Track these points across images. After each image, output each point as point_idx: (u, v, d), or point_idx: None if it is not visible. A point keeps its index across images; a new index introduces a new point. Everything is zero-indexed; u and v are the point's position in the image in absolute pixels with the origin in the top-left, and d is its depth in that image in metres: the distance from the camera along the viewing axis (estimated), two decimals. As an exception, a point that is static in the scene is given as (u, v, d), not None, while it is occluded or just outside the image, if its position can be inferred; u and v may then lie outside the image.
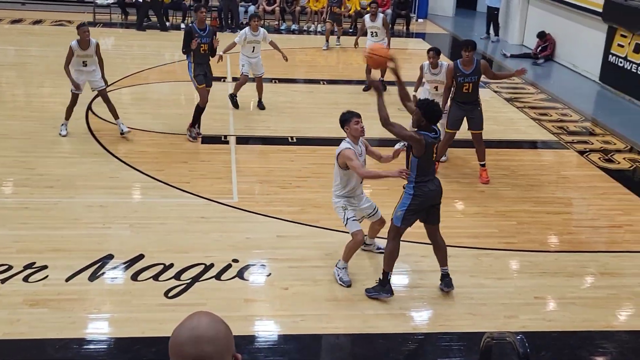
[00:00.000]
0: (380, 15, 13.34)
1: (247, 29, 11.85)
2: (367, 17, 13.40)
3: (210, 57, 10.46)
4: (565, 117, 12.67)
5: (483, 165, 9.47)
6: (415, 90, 10.28)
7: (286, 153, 10.13)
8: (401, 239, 6.49)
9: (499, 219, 8.40)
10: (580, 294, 6.84)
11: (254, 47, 11.85)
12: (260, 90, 12.04)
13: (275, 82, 13.77)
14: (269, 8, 19.54)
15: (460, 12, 23.47)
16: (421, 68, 10.01)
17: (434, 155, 6.35)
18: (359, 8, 19.80)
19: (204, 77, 10.36)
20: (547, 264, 7.34)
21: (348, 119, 6.68)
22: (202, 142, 10.38)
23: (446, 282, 6.63)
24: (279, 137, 10.76)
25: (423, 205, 6.37)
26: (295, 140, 10.67)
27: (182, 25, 18.78)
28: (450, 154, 10.20)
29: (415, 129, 6.35)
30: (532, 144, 11.37)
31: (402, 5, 20.26)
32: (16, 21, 18.49)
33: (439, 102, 9.63)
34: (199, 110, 10.44)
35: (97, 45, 10.15)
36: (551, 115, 12.69)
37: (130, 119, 10.90)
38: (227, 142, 10.46)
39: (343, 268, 6.77)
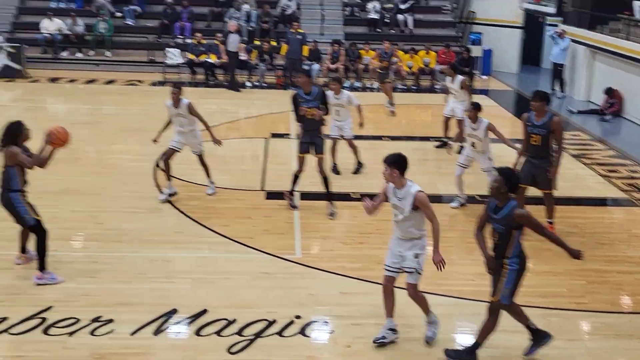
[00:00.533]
0: (459, 78, 13.23)
1: (329, 92, 11.19)
2: (447, 78, 13.46)
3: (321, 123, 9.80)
4: (635, 174, 12.33)
5: (550, 223, 9.25)
6: (455, 142, 10.67)
7: (349, 209, 10.12)
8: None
9: (568, 277, 8.15)
10: (657, 359, 6.52)
11: (338, 111, 11.43)
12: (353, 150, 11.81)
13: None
14: (332, 66, 19.86)
15: (525, 68, 23.36)
16: (463, 121, 10.11)
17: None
18: (422, 65, 19.94)
19: (307, 145, 9.81)
20: (621, 326, 7.05)
21: None
22: (266, 198, 10.48)
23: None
24: (342, 193, 10.78)
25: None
26: (359, 196, 10.66)
27: (248, 84, 19.23)
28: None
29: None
30: (601, 201, 11.07)
31: (464, 62, 20.29)
32: (90, 81, 19.29)
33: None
34: (295, 177, 10.08)
35: (189, 106, 10.08)
36: (621, 172, 12.36)
37: (197, 175, 11.12)
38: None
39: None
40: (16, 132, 7.32)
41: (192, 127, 10.20)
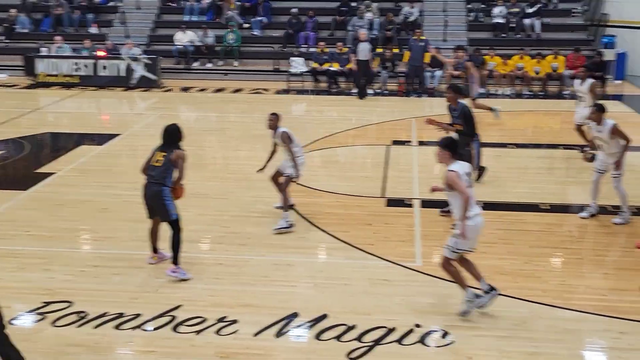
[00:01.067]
0: (589, 81, 12.77)
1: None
2: (576, 80, 13.05)
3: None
4: None
5: None
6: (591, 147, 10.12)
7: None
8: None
9: None
10: None
11: None
12: None
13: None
14: (455, 73, 19.55)
15: (662, 73, 22.05)
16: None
17: None
18: (549, 70, 19.27)
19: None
20: (630, 341, 6.50)
21: None
22: (387, 205, 10.46)
23: None
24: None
25: None
26: (482, 204, 10.40)
27: (370, 91, 19.29)
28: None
29: None
30: None
31: (596, 66, 19.40)
32: (219, 90, 20.03)
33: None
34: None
35: (284, 135, 9.58)
36: None
37: (319, 181, 11.28)
38: (411, 206, 10.45)
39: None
40: (179, 135, 7.97)
41: (287, 157, 9.68)
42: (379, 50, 20.60)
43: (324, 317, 7.05)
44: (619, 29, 21.63)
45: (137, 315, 7.08)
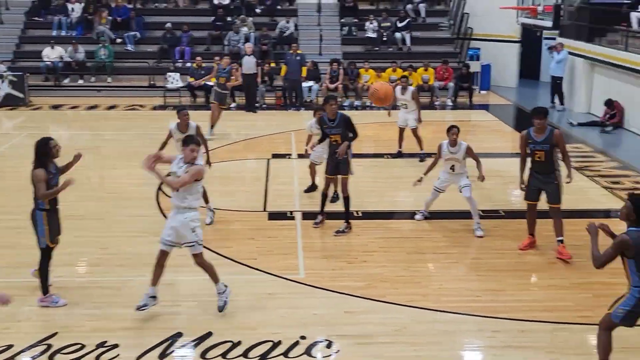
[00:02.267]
0: (410, 89, 13.70)
1: (312, 121, 11.27)
2: (397, 89, 13.62)
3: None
4: (638, 184, 12.31)
5: (561, 242, 9.12)
6: (426, 173, 10.27)
7: (352, 227, 10.10)
8: None
9: (574, 291, 8.11)
10: (667, 371, 6.47)
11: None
12: None
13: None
14: (332, 86, 19.93)
15: (524, 82, 23.43)
16: (440, 147, 10.02)
17: None
18: (420, 82, 19.99)
19: (334, 167, 9.86)
20: (629, 339, 7.00)
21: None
22: (269, 219, 10.48)
23: None
24: (344, 212, 10.76)
25: None
26: (360, 214, 10.65)
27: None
28: (522, 225, 9.99)
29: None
30: (606, 213, 11.04)
31: (464, 78, 20.37)
32: (92, 107, 19.38)
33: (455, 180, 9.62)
34: (323, 197, 10.11)
35: (198, 128, 10.19)
36: (624, 183, 12.35)
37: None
38: (292, 218, 10.52)
39: None
40: (40, 150, 7.40)
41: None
42: (273, 64, 20.66)
43: (208, 335, 6.96)
44: (483, 42, 22.83)
45: (9, 347, 6.70)
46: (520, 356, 6.64)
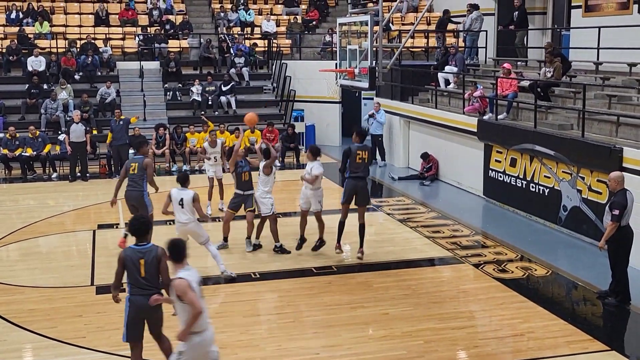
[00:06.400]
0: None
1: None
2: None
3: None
4: (457, 232, 13.10)
5: None
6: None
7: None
8: None
9: (406, 339, 8.39)
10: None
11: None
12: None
13: (169, 224, 13.62)
14: (158, 151, 19.59)
15: (347, 140, 24.27)
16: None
17: None
18: (248, 144, 20.18)
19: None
20: None
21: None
22: (97, 293, 9.96)
23: None
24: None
25: None
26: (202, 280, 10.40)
27: (54, 175, 18.42)
28: (353, 280, 10.25)
29: None
30: (430, 262, 11.62)
31: (290, 138, 20.86)
32: None
33: None
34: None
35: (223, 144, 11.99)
36: (444, 232, 13.09)
37: (19, 276, 10.41)
38: (123, 290, 10.04)
39: None
40: None
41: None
42: (95, 131, 19.93)
43: None
44: (306, 103, 23.60)
45: None
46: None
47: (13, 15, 24.48)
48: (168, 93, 22.80)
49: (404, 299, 9.68)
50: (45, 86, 21.64)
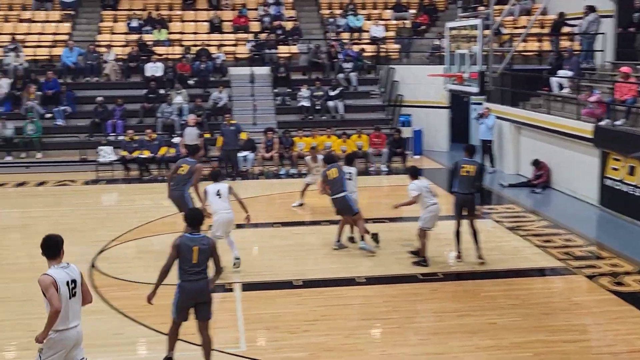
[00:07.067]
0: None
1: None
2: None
3: None
4: (569, 242, 12.62)
5: None
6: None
7: (292, 297, 9.99)
8: None
9: (514, 351, 8.15)
10: None
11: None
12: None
13: (277, 226, 13.88)
14: (267, 155, 20.01)
15: (455, 146, 23.96)
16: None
17: None
18: (355, 149, 20.28)
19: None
20: None
21: None
22: (207, 292, 10.25)
23: None
24: (284, 282, 10.65)
25: None
26: (300, 283, 10.56)
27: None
28: (460, 287, 10.07)
29: None
30: (540, 272, 11.26)
31: (396, 143, 20.76)
32: (20, 184, 18.84)
33: None
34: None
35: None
36: (555, 242, 12.64)
37: (134, 273, 10.86)
38: (231, 290, 10.33)
39: None
40: None
41: None
42: (208, 135, 20.60)
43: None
44: (413, 108, 23.42)
45: None
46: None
47: (134, 24, 25.67)
48: (277, 98, 23.23)
49: (512, 309, 9.42)
50: (161, 91, 22.56)
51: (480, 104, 21.16)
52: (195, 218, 7.53)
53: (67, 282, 6.30)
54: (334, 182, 11.95)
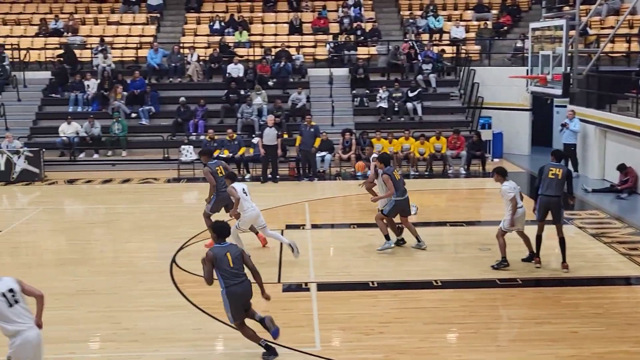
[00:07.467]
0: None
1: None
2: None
3: None
4: (657, 250, 12.13)
5: None
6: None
7: (367, 298, 9.98)
8: None
9: (597, 361, 7.90)
10: None
11: None
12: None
13: (353, 227, 13.89)
14: (344, 156, 20.05)
15: (536, 149, 23.42)
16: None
17: None
18: (433, 151, 20.08)
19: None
20: None
21: None
22: (284, 291, 10.37)
23: None
24: (359, 282, 10.66)
25: None
26: (376, 284, 10.54)
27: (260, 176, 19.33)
28: (540, 294, 9.83)
29: None
30: (626, 280, 10.86)
31: (476, 145, 20.43)
32: (106, 181, 19.53)
33: None
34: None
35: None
36: (642, 250, 12.18)
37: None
38: (307, 290, 10.41)
39: None
40: None
41: None
42: (286, 135, 20.84)
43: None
44: (494, 110, 23.00)
45: None
46: None
47: (216, 26, 26.20)
48: (356, 99, 23.25)
49: (595, 318, 9.12)
50: (242, 92, 22.94)
51: (564, 106, 20.61)
52: (223, 230, 8.02)
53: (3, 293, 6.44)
54: (399, 182, 11.90)
